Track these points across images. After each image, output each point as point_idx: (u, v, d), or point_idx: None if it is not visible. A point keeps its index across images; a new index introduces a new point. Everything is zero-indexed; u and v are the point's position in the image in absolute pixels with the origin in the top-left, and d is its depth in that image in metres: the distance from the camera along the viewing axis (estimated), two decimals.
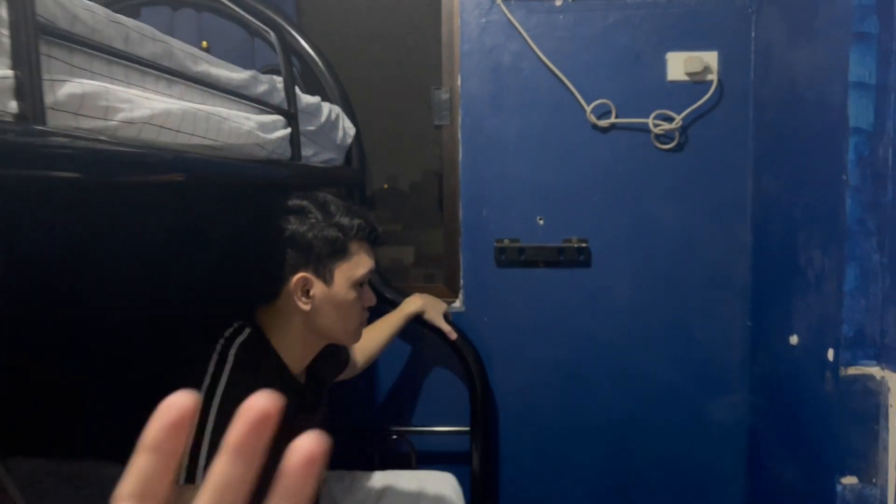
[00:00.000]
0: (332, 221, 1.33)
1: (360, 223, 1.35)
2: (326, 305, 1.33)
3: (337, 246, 1.32)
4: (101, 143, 0.81)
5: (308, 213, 1.33)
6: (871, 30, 1.35)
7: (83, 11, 0.81)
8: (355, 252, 1.35)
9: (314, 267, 1.31)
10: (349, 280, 1.34)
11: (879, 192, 1.36)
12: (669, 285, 1.99)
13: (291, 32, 1.95)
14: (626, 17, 1.94)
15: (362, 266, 1.36)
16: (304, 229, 1.31)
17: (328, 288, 1.32)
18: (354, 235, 1.35)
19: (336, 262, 1.33)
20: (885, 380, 1.37)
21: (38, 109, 0.70)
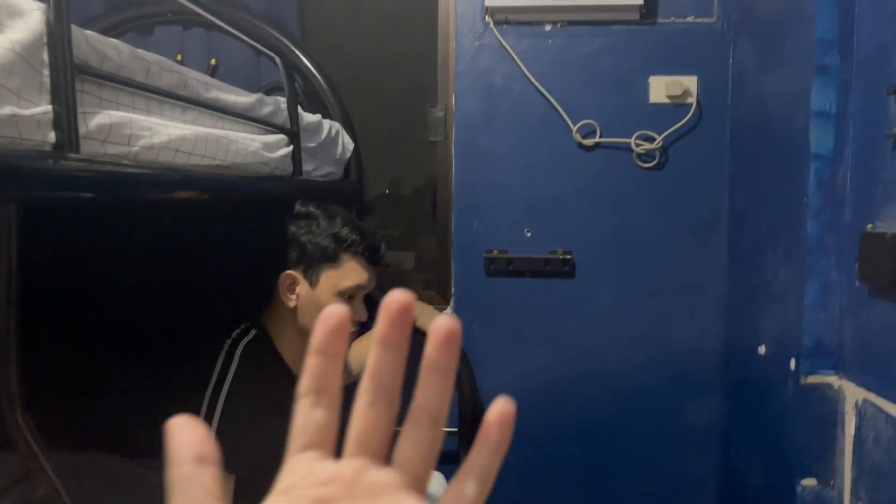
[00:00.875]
0: (331, 231, 1.43)
1: (356, 239, 1.44)
2: (309, 306, 1.42)
3: (328, 253, 1.42)
4: (124, 166, 0.92)
5: (314, 220, 1.44)
6: (832, 63, 1.45)
7: (111, 50, 0.92)
8: (346, 263, 1.44)
9: (304, 268, 1.42)
10: (333, 287, 1.43)
11: (838, 213, 1.46)
12: (649, 296, 2.09)
13: (295, 52, 2.06)
14: (611, 43, 2.05)
15: (350, 279, 1.44)
16: (303, 232, 1.42)
17: (312, 290, 1.42)
18: (348, 248, 1.44)
19: (324, 268, 1.42)
20: (842, 388, 1.46)
21: (73, 139, 0.81)
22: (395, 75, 2.26)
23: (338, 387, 0.35)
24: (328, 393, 0.35)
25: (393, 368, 0.35)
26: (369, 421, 0.35)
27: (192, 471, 0.33)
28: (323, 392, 0.35)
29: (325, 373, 0.35)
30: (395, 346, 0.35)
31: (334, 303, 1.42)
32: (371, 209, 2.34)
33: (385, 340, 0.35)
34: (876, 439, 1.31)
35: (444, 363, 0.35)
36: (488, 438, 0.36)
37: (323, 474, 0.33)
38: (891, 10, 1.27)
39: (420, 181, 2.30)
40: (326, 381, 0.35)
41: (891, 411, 1.25)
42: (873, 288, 1.32)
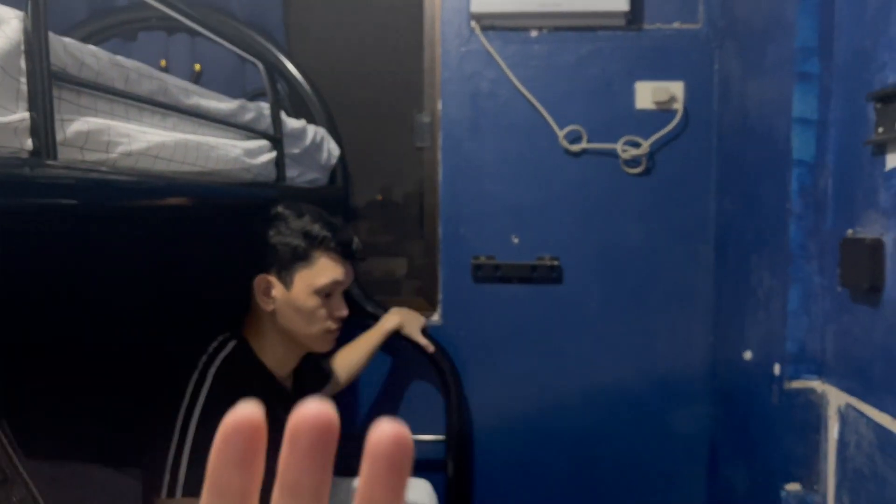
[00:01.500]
0: (301, 229, 1.41)
1: (327, 235, 1.42)
2: (286, 308, 1.41)
3: (299, 253, 1.40)
4: (102, 173, 0.92)
5: (282, 220, 1.42)
6: (813, 70, 1.46)
7: (90, 58, 0.92)
8: (319, 261, 1.42)
9: (277, 270, 1.40)
10: (309, 287, 1.41)
11: (820, 219, 1.47)
12: (636, 302, 2.10)
13: (280, 58, 2.06)
14: (597, 49, 2.06)
15: (324, 276, 1.42)
16: (272, 234, 1.41)
17: (287, 292, 1.40)
18: (319, 245, 1.42)
19: (297, 268, 1.41)
20: (825, 393, 1.47)
21: (50, 146, 0.81)
22: (382, 81, 2.26)
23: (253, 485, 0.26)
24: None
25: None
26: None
27: None
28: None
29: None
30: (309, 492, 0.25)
31: (312, 302, 1.42)
32: (362, 215, 2.34)
33: (293, 485, 0.25)
34: (858, 444, 1.31)
35: (387, 501, 0.25)
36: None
37: None
38: (869, 17, 1.28)
39: (411, 187, 2.30)
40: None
41: (872, 416, 1.26)
42: (854, 293, 1.33)
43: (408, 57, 2.21)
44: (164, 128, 1.10)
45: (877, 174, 1.25)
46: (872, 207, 1.26)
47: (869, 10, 1.28)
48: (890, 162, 1.21)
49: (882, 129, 1.21)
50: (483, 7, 1.99)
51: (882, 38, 1.23)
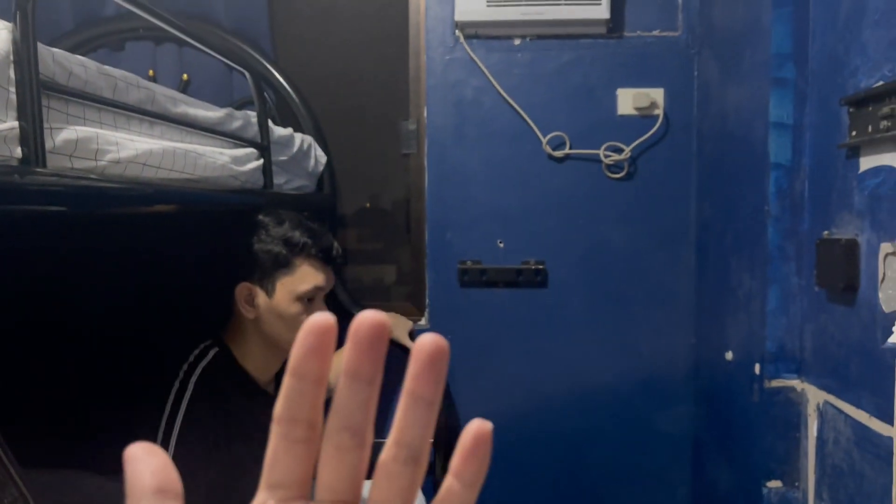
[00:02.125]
0: (281, 237, 1.42)
1: (307, 241, 1.43)
2: (269, 315, 1.42)
3: (280, 260, 1.41)
4: (91, 180, 0.93)
5: (262, 228, 1.43)
6: (788, 75, 1.50)
7: (78, 67, 0.94)
8: (300, 267, 1.43)
9: (258, 278, 1.41)
10: (291, 293, 1.42)
11: (797, 221, 1.50)
12: (620, 304, 2.13)
13: (267, 67, 2.08)
14: (578, 56, 2.09)
15: (306, 282, 1.43)
16: (254, 242, 1.42)
17: (270, 299, 1.41)
18: (300, 251, 1.43)
19: (279, 275, 1.42)
20: (804, 391, 1.50)
21: (39, 154, 0.82)
22: (368, 89, 2.29)
23: (318, 415, 0.31)
24: (304, 421, 0.30)
25: (363, 405, 0.30)
26: (339, 466, 0.30)
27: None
28: (298, 421, 0.30)
29: (302, 398, 0.30)
30: (366, 378, 0.30)
31: (294, 308, 1.43)
32: (351, 223, 2.35)
33: (353, 372, 0.30)
34: (836, 440, 1.34)
35: (429, 392, 0.31)
36: (463, 472, 0.32)
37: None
38: (841, 24, 1.32)
39: (399, 194, 2.32)
40: (303, 408, 0.30)
41: (849, 413, 1.29)
42: (830, 293, 1.36)
43: (393, 65, 2.24)
44: (151, 136, 1.12)
45: (851, 176, 1.28)
46: (847, 209, 1.30)
47: (841, 17, 1.32)
48: (863, 164, 1.24)
49: (855, 133, 1.25)
50: (467, 16, 2.02)
51: (854, 44, 1.27)
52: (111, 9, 2.10)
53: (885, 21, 1.17)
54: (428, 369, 0.31)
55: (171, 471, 0.30)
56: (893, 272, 1.14)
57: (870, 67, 1.22)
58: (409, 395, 0.31)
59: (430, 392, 0.31)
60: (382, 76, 2.27)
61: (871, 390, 1.21)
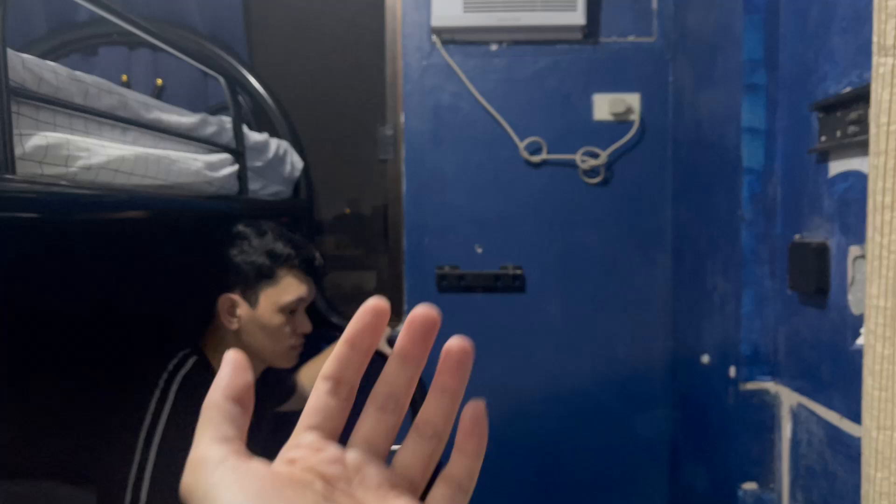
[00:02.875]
0: (264, 248, 1.43)
1: (291, 253, 1.44)
2: (251, 326, 1.42)
3: (264, 271, 1.42)
4: (62, 187, 0.92)
5: (245, 240, 1.43)
6: (760, 81, 1.52)
7: (48, 73, 0.93)
8: (283, 279, 1.44)
9: (241, 289, 1.41)
10: (274, 305, 1.42)
11: (770, 225, 1.52)
12: (597, 309, 2.14)
13: (242, 72, 2.07)
14: (555, 62, 2.11)
15: (289, 293, 1.44)
16: (236, 254, 1.42)
17: (253, 310, 1.42)
18: (284, 263, 1.44)
19: (262, 286, 1.42)
20: (778, 394, 1.52)
21: (8, 161, 0.82)
22: (345, 94, 2.28)
23: (357, 380, 0.37)
24: (347, 384, 0.37)
25: (407, 382, 0.38)
26: (377, 423, 0.37)
27: (224, 403, 0.36)
28: (343, 382, 0.37)
29: (349, 364, 0.37)
30: (414, 361, 0.37)
31: (277, 320, 1.43)
32: (330, 229, 2.35)
33: (404, 354, 0.37)
34: (809, 442, 1.36)
35: (454, 386, 0.38)
36: (465, 447, 0.38)
37: (330, 454, 0.35)
38: (810, 31, 1.34)
39: (377, 200, 2.32)
40: (349, 372, 0.37)
41: (822, 414, 1.30)
42: (802, 296, 1.38)
43: (370, 70, 2.24)
44: (124, 142, 1.11)
45: (821, 181, 1.30)
46: (817, 213, 1.32)
47: (810, 24, 1.34)
48: (833, 169, 1.26)
49: (825, 138, 1.27)
50: (443, 21, 2.03)
51: (823, 51, 1.29)
52: (84, 14, 2.08)
53: (853, 28, 1.19)
54: (456, 367, 0.37)
55: (250, 391, 0.37)
56: (862, 275, 1.16)
57: (838, 73, 1.24)
58: (437, 387, 0.38)
59: (455, 385, 0.38)
60: (359, 81, 2.27)
61: (841, 391, 1.23)
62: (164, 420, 1.26)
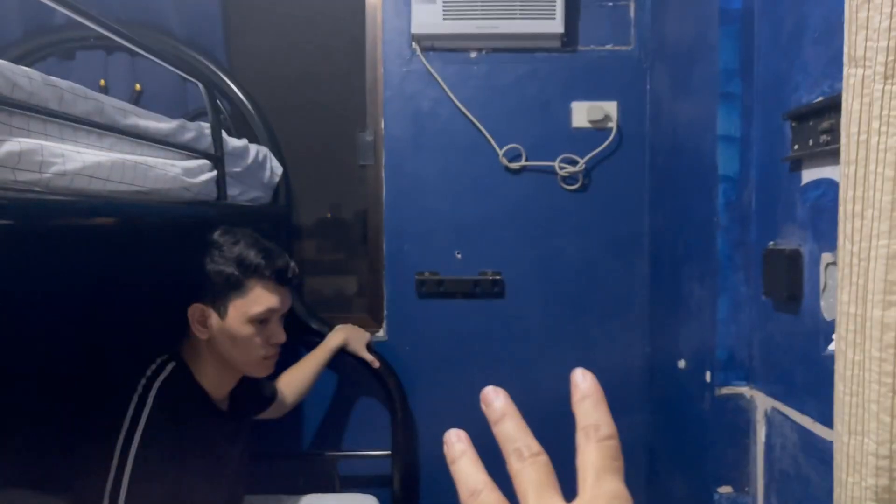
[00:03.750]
0: (234, 257, 1.40)
1: (260, 263, 1.41)
2: (221, 336, 1.40)
3: (231, 282, 1.39)
4: (36, 193, 0.92)
5: (217, 248, 1.41)
6: (735, 90, 1.54)
7: (22, 78, 0.92)
8: (253, 290, 1.41)
9: (211, 299, 1.39)
10: (244, 315, 1.40)
11: (745, 232, 1.54)
12: (575, 314, 2.16)
13: (222, 77, 2.06)
14: (534, 69, 2.12)
15: (259, 304, 1.41)
16: (207, 262, 1.40)
17: (222, 321, 1.40)
18: (253, 273, 1.41)
19: (231, 297, 1.40)
20: (753, 398, 1.53)
21: None
22: (325, 100, 2.28)
23: None
24: None
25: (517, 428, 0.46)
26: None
27: None
28: None
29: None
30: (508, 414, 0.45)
31: (246, 330, 1.40)
32: (309, 234, 2.34)
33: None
34: (783, 446, 1.38)
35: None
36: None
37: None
38: (784, 42, 1.36)
39: (357, 206, 2.32)
40: None
41: (795, 419, 1.32)
42: (776, 302, 1.40)
43: (350, 76, 2.24)
44: (100, 148, 1.10)
45: (794, 189, 1.32)
46: (791, 220, 1.34)
47: (784, 35, 1.37)
48: (805, 177, 1.28)
49: (797, 147, 1.29)
50: (423, 29, 2.03)
51: (796, 62, 1.31)
52: (61, 17, 2.06)
53: (825, 39, 1.21)
54: (595, 401, 0.45)
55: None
56: (834, 281, 1.17)
57: (810, 83, 1.26)
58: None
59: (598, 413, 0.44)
60: (339, 87, 2.27)
61: (814, 396, 1.25)
62: (142, 425, 1.25)
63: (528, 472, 0.41)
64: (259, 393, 1.73)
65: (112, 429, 1.24)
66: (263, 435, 1.87)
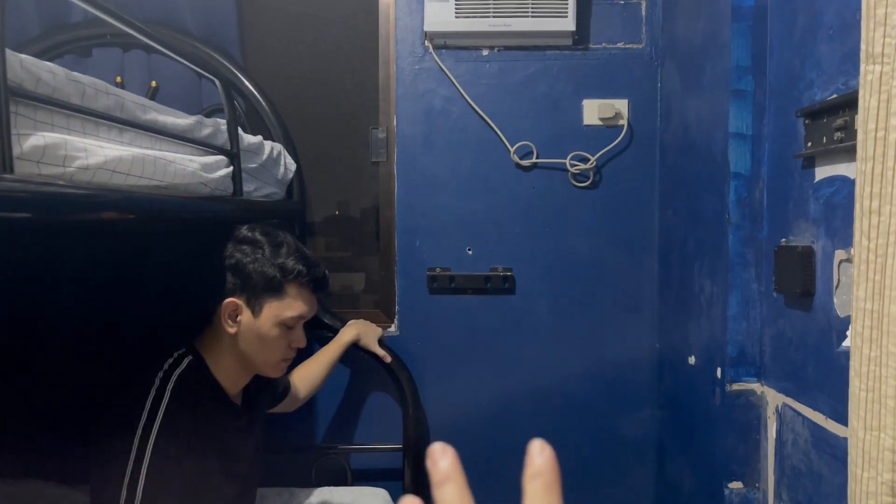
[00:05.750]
0: (276, 261, 1.43)
1: (302, 270, 1.44)
2: (249, 334, 1.42)
3: (273, 284, 1.42)
4: (59, 187, 0.93)
5: (259, 247, 1.44)
6: (747, 87, 1.54)
7: (46, 73, 0.94)
8: (290, 294, 1.44)
9: (247, 297, 1.42)
10: (276, 318, 1.43)
11: (756, 229, 1.55)
12: (585, 310, 2.16)
13: (237, 74, 2.08)
14: (545, 67, 2.13)
15: (293, 309, 1.44)
16: (248, 260, 1.42)
17: (254, 319, 1.42)
18: (293, 279, 1.44)
19: (268, 298, 1.42)
20: (764, 394, 1.54)
21: (6, 160, 0.82)
22: (338, 97, 2.29)
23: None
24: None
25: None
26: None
27: None
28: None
29: None
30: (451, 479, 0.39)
31: (275, 332, 1.42)
32: (321, 231, 2.35)
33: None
34: (794, 442, 1.38)
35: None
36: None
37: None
38: (797, 38, 1.37)
39: (368, 203, 2.33)
40: None
41: (807, 414, 1.32)
42: (788, 298, 1.41)
43: (363, 74, 2.25)
44: (120, 142, 1.11)
45: (807, 185, 1.33)
46: (803, 217, 1.34)
47: (797, 32, 1.37)
48: (818, 174, 1.29)
49: (811, 144, 1.29)
50: (436, 26, 2.04)
51: (809, 59, 1.32)
52: (78, 14, 2.08)
53: (839, 36, 1.21)
54: (544, 490, 0.40)
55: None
56: (847, 278, 1.18)
57: (824, 80, 1.26)
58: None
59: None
60: (352, 84, 2.28)
61: (827, 392, 1.25)
62: (160, 418, 1.26)
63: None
64: (273, 387, 1.74)
65: (130, 420, 1.26)
66: (276, 429, 1.89)
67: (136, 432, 1.25)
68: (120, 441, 1.24)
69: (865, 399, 0.88)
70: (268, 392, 1.72)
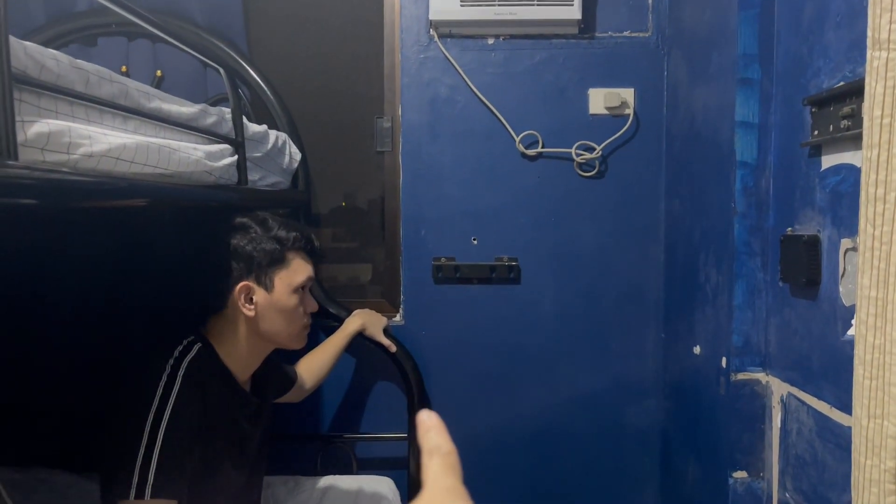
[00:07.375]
0: (270, 235, 1.47)
1: (296, 235, 1.50)
2: (269, 311, 1.46)
3: (275, 256, 1.47)
4: (63, 174, 0.93)
5: (249, 229, 1.47)
6: (754, 76, 1.53)
7: (50, 60, 0.94)
8: (293, 260, 1.50)
9: (256, 276, 1.45)
10: (289, 286, 1.48)
11: (762, 218, 1.54)
12: (590, 300, 2.16)
13: (242, 64, 2.08)
14: (551, 56, 2.12)
15: (301, 273, 1.50)
16: (245, 243, 1.45)
17: (269, 294, 1.46)
18: (291, 246, 1.49)
19: (275, 270, 1.47)
20: (769, 384, 1.54)
21: (11, 147, 0.82)
22: (343, 87, 2.29)
23: None
24: None
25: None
26: None
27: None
28: None
29: None
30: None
31: (293, 300, 1.47)
32: (326, 221, 2.36)
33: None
34: (799, 431, 1.38)
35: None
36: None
37: None
38: (805, 26, 1.36)
39: (374, 193, 2.33)
40: None
41: (812, 404, 1.32)
42: (793, 288, 1.40)
43: (368, 63, 2.25)
44: (125, 130, 1.12)
45: (813, 174, 1.32)
46: (809, 206, 1.33)
47: (805, 20, 1.36)
48: (825, 163, 1.28)
49: (818, 132, 1.28)
50: (441, 15, 2.04)
51: (817, 46, 1.31)
52: (83, 3, 2.08)
53: (847, 23, 1.20)
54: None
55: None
56: (853, 267, 1.17)
57: (831, 68, 1.25)
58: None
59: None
60: (357, 74, 2.28)
61: (832, 382, 1.25)
62: (171, 403, 1.27)
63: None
64: (280, 376, 1.75)
65: (141, 408, 1.27)
66: (283, 417, 1.89)
67: (148, 418, 1.26)
68: (132, 427, 1.25)
69: (869, 387, 0.88)
70: (276, 381, 1.73)
